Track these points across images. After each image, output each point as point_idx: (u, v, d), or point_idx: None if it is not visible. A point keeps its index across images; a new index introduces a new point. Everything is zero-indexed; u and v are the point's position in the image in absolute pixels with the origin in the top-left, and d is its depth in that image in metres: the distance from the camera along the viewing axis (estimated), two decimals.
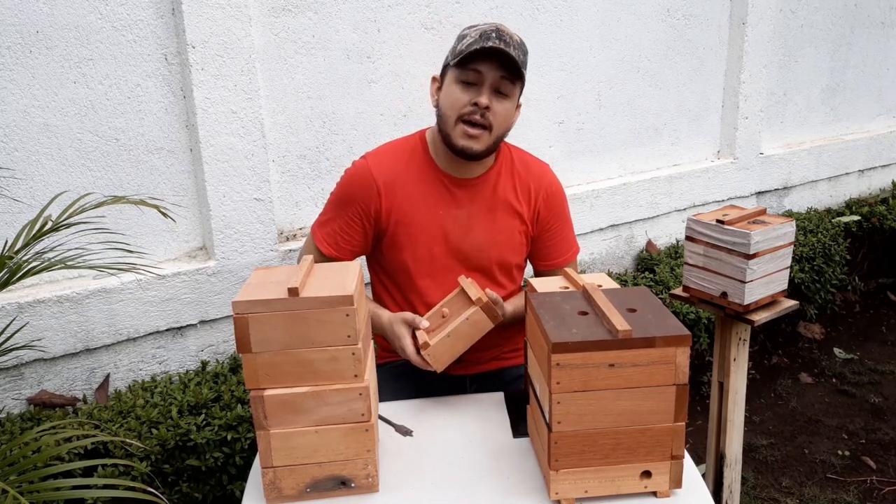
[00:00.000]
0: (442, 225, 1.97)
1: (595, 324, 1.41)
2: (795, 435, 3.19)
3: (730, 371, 2.08)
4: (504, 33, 1.81)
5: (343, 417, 1.46)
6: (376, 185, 1.94)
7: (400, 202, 1.95)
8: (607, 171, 3.53)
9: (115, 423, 2.08)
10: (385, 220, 1.96)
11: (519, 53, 1.82)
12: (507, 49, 1.77)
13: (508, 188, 2.01)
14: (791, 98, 4.18)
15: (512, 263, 2.05)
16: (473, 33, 1.82)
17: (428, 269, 1.99)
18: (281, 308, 1.40)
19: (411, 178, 1.96)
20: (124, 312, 2.34)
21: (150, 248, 2.42)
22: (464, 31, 1.87)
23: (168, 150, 2.38)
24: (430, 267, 1.99)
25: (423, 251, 1.97)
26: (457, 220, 1.97)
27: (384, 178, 1.94)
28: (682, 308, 3.08)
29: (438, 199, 1.97)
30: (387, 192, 1.94)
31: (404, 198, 1.95)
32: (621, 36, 3.35)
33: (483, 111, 1.83)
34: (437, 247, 1.97)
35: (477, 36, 1.80)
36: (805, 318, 3.91)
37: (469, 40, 1.82)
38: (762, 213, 2.03)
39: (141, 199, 1.83)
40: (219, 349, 2.56)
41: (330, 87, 2.63)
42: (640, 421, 1.39)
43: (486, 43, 1.78)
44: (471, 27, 1.87)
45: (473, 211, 1.98)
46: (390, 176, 1.95)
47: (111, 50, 2.22)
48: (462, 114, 1.84)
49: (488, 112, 1.83)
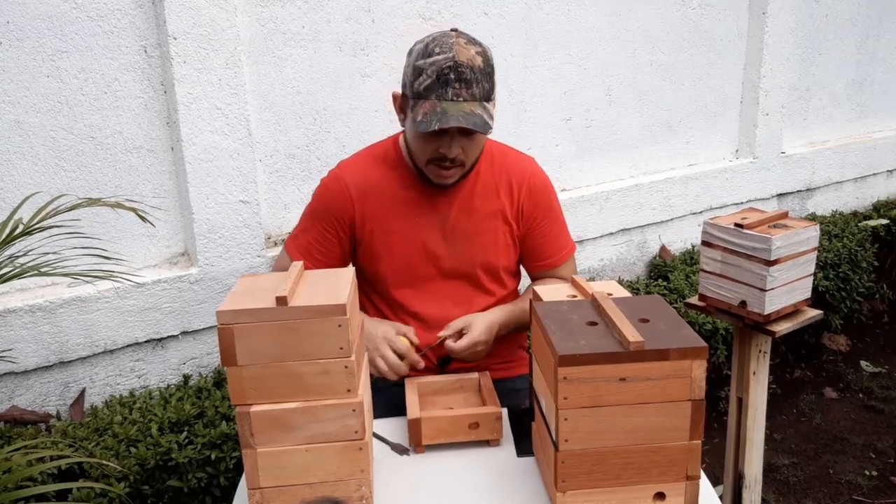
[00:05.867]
0: (419, 232, 1.98)
1: (605, 335, 1.41)
2: (819, 454, 3.20)
3: (749, 385, 2.08)
4: (462, 68, 1.76)
5: (335, 435, 1.46)
6: (349, 192, 1.97)
7: (374, 210, 1.97)
8: (618, 172, 3.53)
9: (91, 441, 2.08)
10: (360, 228, 1.98)
11: (482, 86, 1.79)
12: (466, 107, 1.76)
13: (489, 186, 2.01)
14: (815, 93, 4.19)
15: (499, 267, 2.06)
16: (430, 70, 1.77)
17: (407, 279, 2.01)
18: (269, 318, 1.40)
19: (386, 184, 1.98)
20: (101, 323, 2.34)
21: (129, 253, 2.43)
22: (418, 63, 1.80)
23: (148, 149, 2.39)
24: (409, 277, 2.01)
25: (401, 261, 1.99)
26: (435, 226, 1.99)
27: (357, 184, 1.97)
28: (698, 318, 3.09)
29: (415, 205, 1.98)
30: (360, 199, 1.97)
31: (379, 205, 1.97)
32: (633, 26, 3.36)
33: (453, 158, 1.85)
34: (415, 255, 1.99)
35: (434, 76, 1.76)
36: (830, 328, 3.91)
37: (426, 81, 1.77)
38: (784, 217, 2.04)
39: (118, 202, 1.83)
40: (202, 362, 2.57)
41: (321, 81, 2.64)
42: (653, 439, 1.39)
43: (445, 96, 1.75)
44: (426, 55, 1.79)
45: (452, 215, 1.99)
46: (363, 182, 1.98)
47: (87, 42, 2.23)
48: (431, 159, 1.87)
49: (460, 154, 1.85)
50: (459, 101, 1.76)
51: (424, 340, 1.96)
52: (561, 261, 2.10)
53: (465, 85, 1.76)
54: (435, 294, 2.01)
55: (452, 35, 1.81)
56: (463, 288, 2.02)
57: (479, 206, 2.00)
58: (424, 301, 2.01)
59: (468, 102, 1.77)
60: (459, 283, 2.02)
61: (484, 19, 2.92)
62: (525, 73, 3.10)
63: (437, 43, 1.80)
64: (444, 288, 2.01)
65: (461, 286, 2.02)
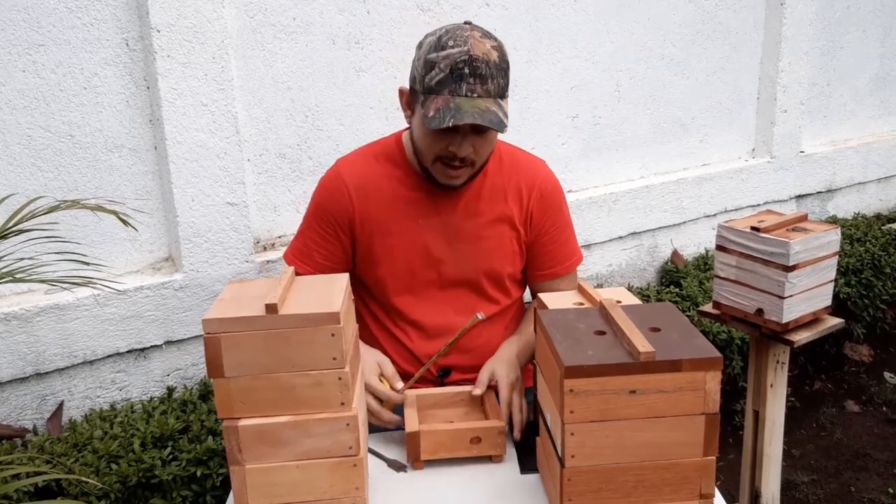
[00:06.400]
0: (421, 235, 1.98)
1: (613, 345, 1.41)
2: (841, 471, 3.20)
3: (766, 398, 2.08)
4: (478, 62, 1.76)
5: (328, 451, 1.46)
6: (348, 191, 1.97)
7: (374, 211, 1.97)
8: (627, 172, 3.54)
9: (70, 457, 2.08)
10: (359, 229, 1.98)
11: (497, 82, 1.79)
12: (481, 103, 1.76)
13: (497, 190, 2.01)
14: (836, 89, 4.20)
15: (504, 274, 2.05)
16: (443, 64, 1.77)
17: (407, 285, 2.01)
18: (258, 327, 1.40)
19: (387, 183, 1.99)
20: (80, 332, 2.35)
21: (109, 259, 2.43)
22: (430, 56, 1.80)
23: (129, 148, 2.39)
24: (409, 282, 2.01)
25: (402, 265, 1.99)
26: (438, 229, 1.99)
27: (356, 183, 1.97)
28: (713, 327, 3.09)
29: (418, 206, 1.98)
30: (359, 198, 1.97)
31: (379, 205, 1.97)
32: (643, 18, 3.37)
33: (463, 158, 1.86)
34: (416, 259, 1.99)
35: (447, 71, 1.76)
36: (851, 338, 3.91)
37: (439, 75, 1.78)
38: (803, 220, 2.04)
39: (98, 204, 1.83)
40: (187, 373, 2.57)
41: (313, 76, 2.64)
42: (665, 455, 1.40)
43: (459, 91, 1.76)
44: (439, 48, 1.79)
45: (457, 218, 1.99)
46: (363, 181, 1.98)
47: (65, 34, 2.23)
48: (440, 157, 1.87)
49: (470, 154, 1.85)
50: (474, 98, 1.76)
51: (424, 350, 1.96)
52: (567, 270, 2.10)
53: (480, 80, 1.76)
54: (436, 301, 2.00)
55: (467, 28, 1.81)
56: (465, 296, 2.02)
57: (486, 209, 2.00)
58: (425, 308, 2.01)
59: (483, 99, 1.77)
60: (462, 291, 2.02)
61: (486, 10, 2.92)
62: (529, 68, 3.10)
63: (450, 35, 1.80)
64: (445, 295, 2.01)
65: (463, 294, 2.02)
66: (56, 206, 1.79)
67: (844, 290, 3.59)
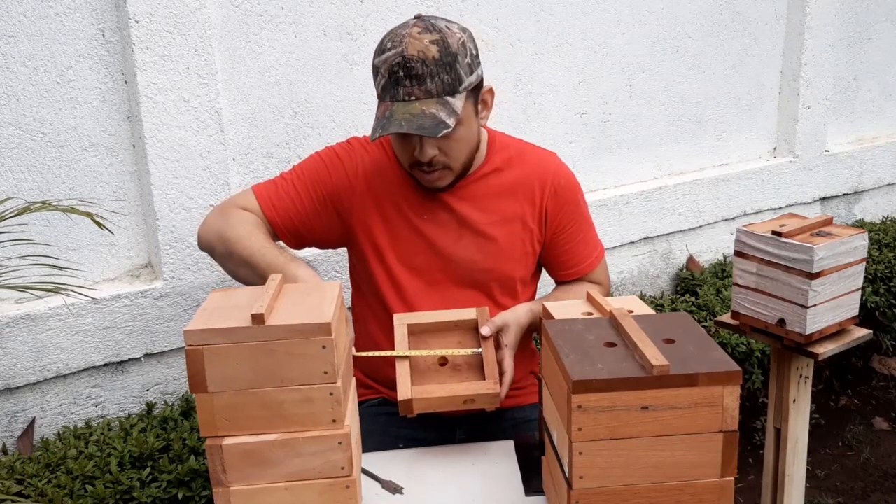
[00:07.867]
0: (426, 232, 2.00)
1: (625, 358, 1.42)
2: (868, 492, 3.20)
3: (788, 415, 2.08)
4: (412, 62, 1.76)
5: (319, 471, 1.46)
6: (357, 170, 2.00)
7: (379, 199, 2.00)
8: (639, 173, 3.55)
9: (42, 478, 2.08)
10: (358, 218, 2.00)
11: (440, 80, 1.79)
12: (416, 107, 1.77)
13: (506, 187, 2.02)
14: (863, 83, 4.21)
15: (516, 278, 2.06)
16: (383, 69, 1.81)
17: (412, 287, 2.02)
18: (243, 338, 1.41)
19: (396, 174, 2.01)
20: (52, 344, 2.35)
21: (84, 265, 2.43)
22: (375, 62, 1.85)
23: (106, 147, 2.40)
24: (414, 284, 2.02)
25: (405, 265, 2.01)
26: (443, 226, 2.00)
27: (367, 166, 2.00)
28: (731, 338, 3.09)
29: (424, 202, 2.00)
30: (366, 181, 1.99)
31: (384, 194, 2.00)
32: (657, 7, 3.38)
33: (429, 162, 1.88)
34: (420, 256, 2.01)
35: (387, 76, 1.80)
36: (880, 350, 3.91)
37: (381, 81, 1.82)
38: (828, 223, 2.04)
39: (71, 206, 1.83)
40: (167, 388, 2.57)
41: (303, 69, 2.65)
42: (680, 476, 1.40)
43: (397, 96, 1.78)
44: (380, 51, 1.83)
45: (463, 216, 2.00)
46: (375, 165, 2.01)
47: (36, 25, 2.24)
48: (411, 163, 1.91)
49: (438, 156, 1.87)
50: (411, 101, 1.78)
51: None
52: (591, 267, 2.13)
53: (416, 81, 1.77)
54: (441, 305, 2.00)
55: (410, 24, 1.82)
56: (472, 300, 2.02)
57: (495, 208, 2.02)
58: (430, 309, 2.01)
59: (421, 101, 1.78)
60: (469, 294, 2.03)
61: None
62: (534, 61, 3.11)
63: (390, 37, 1.83)
64: (452, 299, 2.02)
65: (471, 297, 2.02)
66: (26, 207, 1.80)
67: (872, 299, 3.59)
